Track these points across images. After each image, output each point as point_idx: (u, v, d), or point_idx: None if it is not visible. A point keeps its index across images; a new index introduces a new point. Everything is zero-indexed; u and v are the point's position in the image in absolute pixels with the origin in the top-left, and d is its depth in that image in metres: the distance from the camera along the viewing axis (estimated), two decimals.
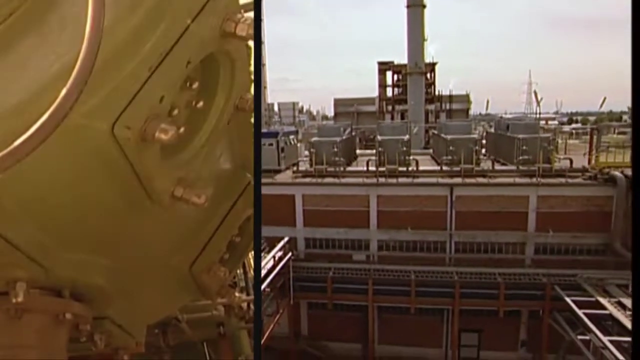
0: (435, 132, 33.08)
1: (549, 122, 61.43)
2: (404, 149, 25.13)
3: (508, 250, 23.43)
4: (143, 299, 3.39)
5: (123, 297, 3.11)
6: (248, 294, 8.06)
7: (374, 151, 26.46)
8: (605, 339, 16.74)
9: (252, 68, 2.86)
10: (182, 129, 2.45)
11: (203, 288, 3.49)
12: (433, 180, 23.70)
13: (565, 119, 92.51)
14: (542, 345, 21.95)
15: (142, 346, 3.76)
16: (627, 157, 24.44)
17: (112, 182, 2.35)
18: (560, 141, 36.66)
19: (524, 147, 24.69)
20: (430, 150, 34.73)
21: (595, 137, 28.47)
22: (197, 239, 3.31)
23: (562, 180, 23.00)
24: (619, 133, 61.28)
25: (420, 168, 25.38)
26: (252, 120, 3.17)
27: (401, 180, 24.05)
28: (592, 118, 76.34)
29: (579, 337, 19.40)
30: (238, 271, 7.84)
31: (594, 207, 22.80)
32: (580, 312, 18.54)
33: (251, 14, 2.52)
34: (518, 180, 23.27)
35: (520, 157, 24.67)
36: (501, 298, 21.60)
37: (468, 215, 23.13)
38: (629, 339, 16.83)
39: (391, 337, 24.72)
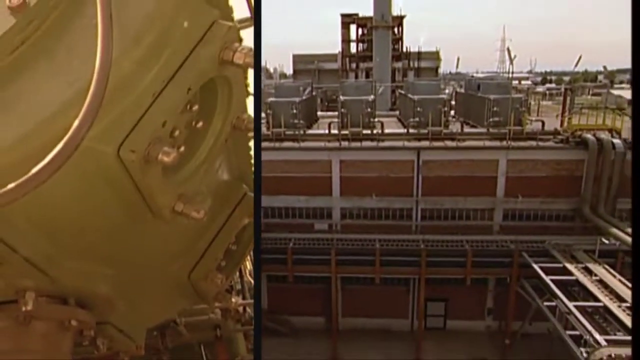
0: (402, 92, 33.06)
1: (522, 82, 62.72)
2: (369, 110, 25.06)
3: (476, 216, 24.08)
4: (143, 304, 3.84)
5: (125, 303, 3.50)
6: (244, 298, 8.70)
7: (337, 113, 26.25)
8: (570, 304, 17.61)
9: (249, 88, 3.21)
10: (182, 148, 2.84)
11: (201, 294, 3.93)
12: (399, 144, 23.83)
13: (539, 79, 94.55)
14: (509, 312, 22.91)
15: (142, 349, 4.18)
16: (600, 120, 25.23)
17: (116, 199, 2.67)
18: (532, 102, 37.56)
19: (495, 109, 25.08)
20: (397, 112, 34.80)
21: (568, 98, 29.23)
22: (195, 248, 3.71)
23: (533, 143, 23.60)
24: (593, 94, 63.37)
25: (386, 131, 25.45)
26: (249, 135, 3.57)
27: (365, 144, 24.07)
28: (567, 78, 78.22)
29: (545, 303, 20.35)
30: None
31: (564, 172, 23.57)
32: (547, 279, 19.39)
33: (248, 44, 2.86)
34: (488, 143, 23.71)
35: (491, 119, 25.09)
36: (468, 266, 22.30)
37: (435, 181, 23.52)
38: (593, 303, 17.82)
39: (355, 309, 25.29)
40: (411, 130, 25.08)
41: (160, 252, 3.43)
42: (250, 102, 3.30)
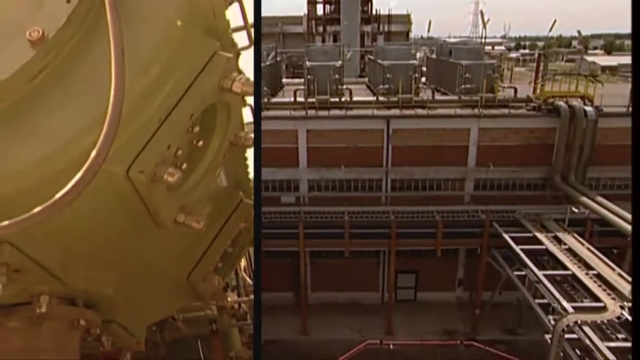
0: (372, 57, 32.98)
1: (495, 48, 63.31)
2: (336, 76, 24.97)
3: (447, 186, 24.58)
4: (145, 304, 4.27)
5: (128, 303, 3.88)
6: (239, 294, 9.44)
7: (302, 80, 26.03)
8: (539, 273, 18.36)
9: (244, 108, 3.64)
10: (184, 165, 3.22)
11: (199, 294, 4.37)
12: (368, 112, 23.94)
13: (512, 44, 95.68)
14: (479, 283, 23.71)
15: (142, 345, 4.74)
16: (573, 87, 25.81)
17: (124, 213, 3.02)
18: (505, 68, 38.06)
19: (467, 75, 25.36)
20: (366, 79, 34.77)
21: (542, 64, 29.71)
22: (194, 251, 4.15)
23: (505, 111, 24.03)
24: (567, 60, 64.65)
25: (355, 99, 25.50)
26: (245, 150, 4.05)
27: (333, 112, 24.08)
28: (541, 44, 79.44)
29: (515, 273, 21.16)
30: None
31: (535, 140, 24.18)
32: (517, 248, 20.12)
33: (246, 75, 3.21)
34: (459, 111, 24.04)
35: (463, 86, 25.38)
36: (439, 237, 22.91)
37: (405, 151, 23.80)
38: (562, 272, 18.62)
39: (325, 284, 25.71)
40: (381, 98, 25.18)
41: (162, 257, 3.83)
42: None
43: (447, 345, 18.92)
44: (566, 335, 15.43)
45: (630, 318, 15.50)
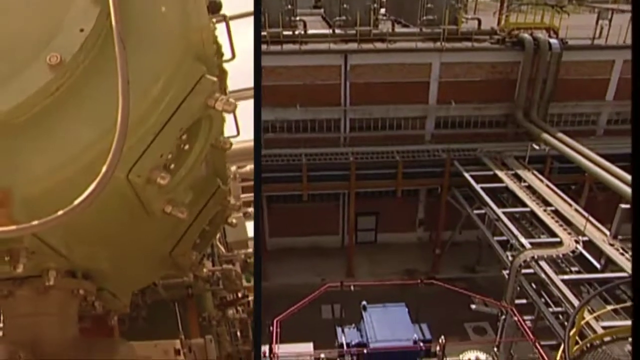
0: None
1: None
2: (289, 7, 24.62)
3: (407, 125, 25.17)
4: (133, 275, 5.40)
5: (118, 274, 4.94)
6: (213, 263, 11.66)
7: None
8: (499, 211, 19.44)
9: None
10: (172, 165, 4.07)
11: (179, 267, 5.50)
12: (324, 46, 23.86)
13: None
14: (439, 222, 24.85)
15: (127, 307, 5.74)
16: (539, 18, 26.26)
17: (122, 206, 3.87)
18: None
19: (429, 5, 25.47)
20: (322, 10, 34.23)
21: None
22: (177, 231, 5.15)
23: (469, 44, 24.39)
24: None
25: (309, 32, 25.31)
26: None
27: (286, 47, 23.88)
28: None
29: (475, 211, 22.28)
30: None
31: (499, 75, 24.85)
32: (477, 187, 21.12)
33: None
34: (420, 45, 24.27)
35: (424, 17, 25.47)
36: (399, 177, 23.71)
37: (364, 88, 24.10)
38: (521, 209, 19.78)
39: (283, 229, 26.27)
40: (337, 31, 25.06)
41: (150, 237, 4.79)
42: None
43: (407, 285, 19.93)
44: (523, 270, 16.60)
45: (585, 252, 16.81)
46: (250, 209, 14.58)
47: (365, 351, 15.61)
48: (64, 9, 3.38)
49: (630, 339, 10.53)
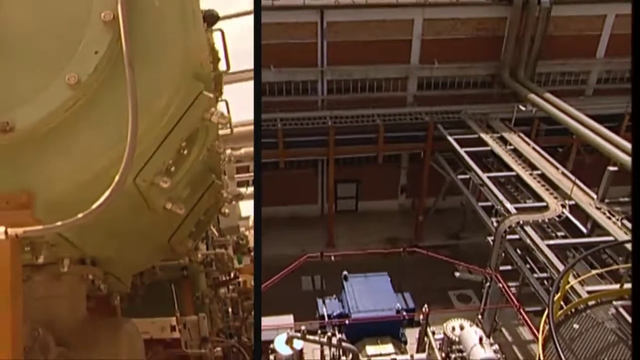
0: None
1: None
2: None
3: (388, 87, 24.98)
4: (135, 260, 6.40)
5: (122, 260, 5.78)
6: (207, 246, 13.07)
7: None
8: (484, 175, 19.48)
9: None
10: (172, 168, 4.77)
11: (176, 253, 6.50)
12: (299, 1, 23.27)
13: None
14: (422, 189, 24.86)
15: (128, 288, 6.79)
16: None
17: (129, 204, 4.53)
18: None
19: None
20: None
21: None
22: (174, 223, 5.99)
23: None
24: None
25: None
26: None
27: None
28: None
29: (460, 176, 22.32)
30: None
31: (485, 32, 24.63)
32: (461, 151, 21.09)
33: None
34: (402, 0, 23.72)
35: None
36: (380, 142, 23.56)
37: (342, 47, 23.74)
38: (506, 173, 19.84)
39: None
40: None
41: (151, 229, 5.59)
42: None
43: (390, 254, 20.02)
44: (508, 236, 16.74)
45: (571, 217, 16.96)
46: (244, 189, 18.69)
47: (346, 322, 15.73)
48: (80, 34, 4.00)
49: (614, 302, 10.73)
